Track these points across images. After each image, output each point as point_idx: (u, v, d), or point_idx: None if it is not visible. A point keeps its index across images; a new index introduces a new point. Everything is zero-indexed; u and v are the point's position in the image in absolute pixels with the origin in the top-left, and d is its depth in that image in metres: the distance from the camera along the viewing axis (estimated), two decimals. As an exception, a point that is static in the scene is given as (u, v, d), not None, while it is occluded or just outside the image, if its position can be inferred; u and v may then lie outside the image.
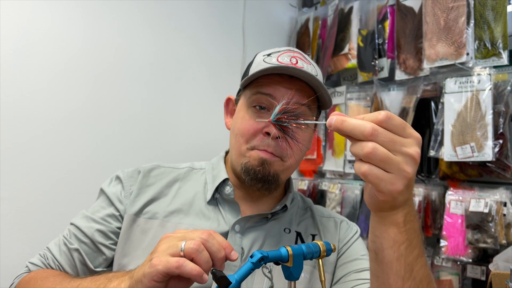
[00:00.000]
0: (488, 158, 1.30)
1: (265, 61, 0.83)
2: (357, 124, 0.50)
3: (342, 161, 1.87)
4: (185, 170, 0.94)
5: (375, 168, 0.50)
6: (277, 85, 0.80)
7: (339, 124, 0.51)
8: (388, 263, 0.57)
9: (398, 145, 0.50)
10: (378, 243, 0.57)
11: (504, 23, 1.34)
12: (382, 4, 1.73)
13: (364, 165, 0.50)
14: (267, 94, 0.81)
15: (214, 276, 0.53)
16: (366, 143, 0.49)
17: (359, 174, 0.52)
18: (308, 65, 0.84)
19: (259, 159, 0.81)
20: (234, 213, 0.85)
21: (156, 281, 0.56)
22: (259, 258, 0.54)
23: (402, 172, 0.50)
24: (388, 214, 0.56)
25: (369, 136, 0.49)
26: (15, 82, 1.29)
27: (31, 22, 1.32)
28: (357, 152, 0.50)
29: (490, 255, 1.33)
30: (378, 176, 0.50)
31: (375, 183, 0.51)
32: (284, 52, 0.85)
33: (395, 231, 0.56)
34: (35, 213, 1.31)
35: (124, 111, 1.54)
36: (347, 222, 0.95)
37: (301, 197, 0.99)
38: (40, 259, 0.84)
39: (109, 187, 0.89)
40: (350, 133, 0.51)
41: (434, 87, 1.54)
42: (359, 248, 0.89)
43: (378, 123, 0.50)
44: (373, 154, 0.49)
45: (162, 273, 0.56)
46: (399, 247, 0.56)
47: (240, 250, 0.80)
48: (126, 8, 1.56)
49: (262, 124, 0.81)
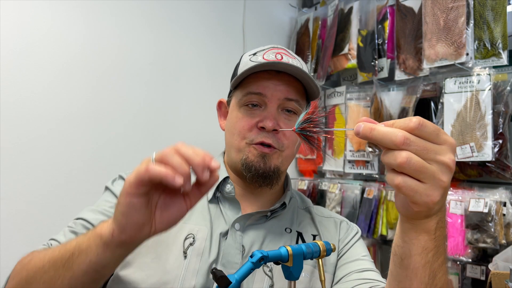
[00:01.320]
0: (487, 158, 1.30)
1: (251, 60, 0.85)
2: (388, 132, 0.48)
3: (342, 161, 1.87)
4: None
5: (410, 179, 0.47)
6: (266, 82, 0.82)
7: (367, 132, 0.49)
8: (414, 269, 0.55)
9: (432, 153, 0.47)
10: (406, 248, 0.56)
11: (503, 23, 1.34)
12: (382, 4, 1.73)
13: (397, 177, 0.48)
14: (257, 93, 0.83)
15: (214, 276, 0.53)
16: (399, 152, 0.47)
17: (392, 186, 0.49)
18: (293, 59, 0.86)
19: (258, 155, 0.82)
20: (234, 211, 0.85)
21: (131, 193, 0.53)
22: (259, 258, 0.54)
23: (437, 181, 0.47)
24: (420, 222, 0.54)
25: (400, 145, 0.47)
26: (15, 82, 1.29)
27: (31, 22, 1.32)
28: (390, 162, 0.48)
29: (490, 255, 1.33)
30: (413, 188, 0.47)
31: (410, 195, 0.48)
32: (269, 49, 0.87)
33: (425, 238, 0.54)
34: (35, 213, 1.31)
35: (124, 111, 1.54)
36: (347, 223, 0.95)
37: (300, 196, 0.99)
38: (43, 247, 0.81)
39: (113, 185, 0.89)
40: (380, 142, 0.48)
41: (434, 87, 1.55)
42: (360, 249, 0.89)
43: (410, 130, 0.47)
44: (407, 164, 0.46)
45: (134, 183, 0.53)
46: (427, 254, 0.55)
47: (241, 248, 0.80)
48: (126, 8, 1.56)
49: (256, 119, 0.83)
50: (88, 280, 0.60)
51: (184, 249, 0.78)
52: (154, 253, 0.77)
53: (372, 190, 1.71)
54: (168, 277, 0.75)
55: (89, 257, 0.58)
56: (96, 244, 0.57)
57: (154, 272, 0.75)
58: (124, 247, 0.58)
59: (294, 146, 0.86)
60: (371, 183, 1.76)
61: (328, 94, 1.98)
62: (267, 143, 0.82)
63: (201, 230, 0.81)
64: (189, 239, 0.79)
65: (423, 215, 0.53)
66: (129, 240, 0.56)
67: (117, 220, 0.55)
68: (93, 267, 0.58)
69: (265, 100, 0.83)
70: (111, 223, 0.57)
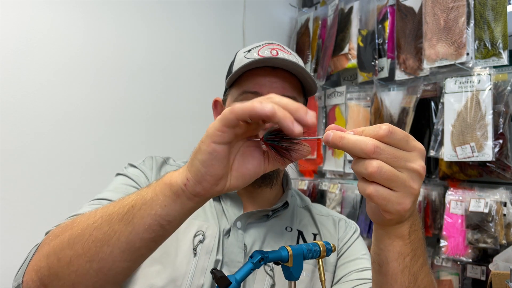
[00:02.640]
0: (488, 158, 1.30)
1: (246, 57, 0.83)
2: (357, 141, 0.46)
3: (342, 161, 1.87)
4: None
5: (381, 188, 0.47)
6: (261, 79, 0.80)
7: (337, 141, 0.47)
8: (392, 275, 0.55)
9: (402, 161, 0.47)
10: (382, 256, 0.56)
11: (504, 23, 1.34)
12: (382, 4, 1.73)
13: (369, 186, 0.47)
14: (253, 92, 0.81)
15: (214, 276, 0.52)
16: (370, 161, 0.46)
17: (363, 195, 0.49)
18: (289, 55, 0.84)
19: None
20: (236, 208, 0.85)
21: (216, 142, 0.47)
22: (259, 258, 0.54)
23: (408, 189, 0.47)
24: (393, 228, 0.54)
25: (371, 154, 0.46)
26: (15, 82, 1.29)
27: (31, 22, 1.32)
28: (360, 171, 0.47)
29: (490, 255, 1.33)
30: (385, 197, 0.47)
31: (382, 204, 0.48)
32: (264, 45, 0.85)
33: (400, 244, 0.54)
34: (35, 213, 1.31)
35: (124, 110, 1.54)
36: (346, 221, 0.94)
37: (299, 195, 0.99)
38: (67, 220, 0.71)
39: (127, 170, 0.86)
40: (350, 152, 0.47)
41: (434, 87, 1.54)
42: (359, 247, 0.89)
43: (380, 138, 0.46)
44: (378, 174, 0.45)
45: (220, 129, 0.47)
46: (404, 259, 0.55)
47: (243, 247, 0.80)
48: (126, 8, 1.56)
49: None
50: (149, 238, 0.53)
51: (194, 246, 0.77)
52: (164, 248, 0.74)
53: (372, 190, 1.71)
54: (177, 274, 0.74)
55: (154, 209, 0.52)
56: (164, 194, 0.52)
57: (162, 267, 0.74)
58: (196, 200, 0.52)
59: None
60: (371, 183, 1.76)
61: (328, 94, 1.98)
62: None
63: (210, 227, 0.80)
64: (198, 236, 0.79)
65: (394, 222, 0.52)
66: (203, 192, 0.51)
67: (195, 168, 0.49)
68: (157, 220, 0.52)
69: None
70: (184, 172, 0.51)
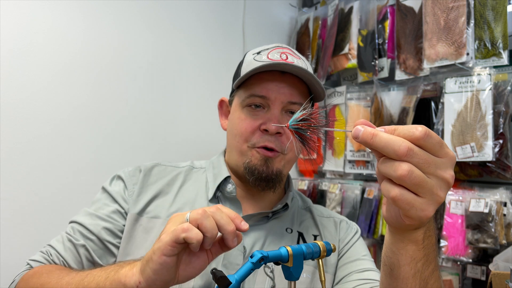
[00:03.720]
0: (488, 158, 1.30)
1: (255, 59, 0.83)
2: (391, 140, 0.44)
3: (342, 161, 1.87)
4: (186, 169, 0.94)
5: (407, 192, 0.45)
6: (269, 83, 0.81)
7: (368, 138, 0.45)
8: (403, 279, 0.55)
9: (433, 167, 0.45)
10: (394, 259, 0.55)
11: (504, 23, 1.34)
12: (382, 4, 1.73)
13: (394, 189, 0.45)
14: (260, 96, 0.81)
15: (214, 276, 0.53)
16: (400, 163, 0.44)
17: (386, 197, 0.47)
18: (298, 59, 0.84)
19: (261, 158, 0.81)
20: (235, 211, 0.85)
21: (166, 255, 0.55)
22: (259, 258, 0.54)
23: (435, 196, 0.45)
24: (408, 233, 0.53)
25: (403, 157, 0.43)
26: (15, 82, 1.29)
27: (31, 22, 1.32)
28: (388, 172, 0.45)
29: (490, 255, 1.33)
30: (410, 202, 0.45)
31: (406, 209, 0.46)
32: (274, 48, 0.85)
33: (413, 248, 0.53)
34: (35, 213, 1.31)
35: (124, 111, 1.54)
36: (347, 222, 0.94)
37: (300, 196, 0.99)
38: (42, 256, 0.81)
39: (111, 186, 0.88)
40: (381, 150, 0.45)
41: (434, 87, 1.54)
42: (360, 248, 0.89)
43: (414, 140, 0.44)
44: (408, 177, 0.43)
45: (170, 244, 0.55)
46: (416, 264, 0.54)
47: (243, 249, 0.80)
48: (126, 8, 1.56)
49: (259, 121, 0.81)
50: None
51: None
52: None
53: (373, 190, 1.71)
54: None
55: None
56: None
57: None
58: None
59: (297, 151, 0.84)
60: (372, 183, 1.76)
61: (328, 94, 1.98)
62: (270, 147, 0.80)
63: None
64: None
65: (412, 227, 0.52)
66: None
67: (146, 275, 0.57)
68: None
69: (268, 103, 0.81)
70: (137, 274, 0.58)
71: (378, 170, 0.47)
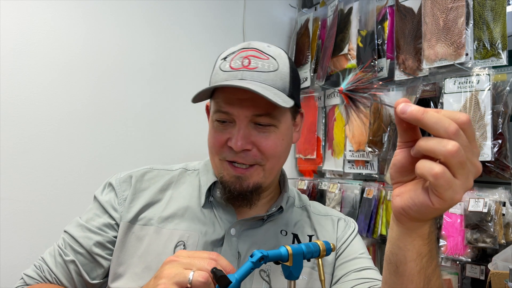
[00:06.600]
0: (487, 158, 1.30)
1: (221, 68, 0.79)
2: (442, 118, 0.45)
3: (341, 161, 1.87)
4: (179, 172, 0.91)
5: (448, 172, 0.45)
6: (232, 97, 0.75)
7: (419, 113, 0.45)
8: (409, 276, 0.55)
9: (470, 153, 0.46)
10: (401, 255, 0.55)
11: (503, 23, 1.34)
12: (382, 4, 1.73)
13: (438, 165, 0.45)
14: (224, 112, 0.77)
15: (214, 276, 0.53)
16: (449, 141, 0.44)
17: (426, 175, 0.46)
18: (265, 60, 0.77)
19: (233, 175, 0.78)
20: (229, 216, 0.83)
21: None
22: (259, 258, 0.54)
23: (468, 181, 0.46)
24: (417, 226, 0.53)
25: (452, 135, 0.44)
26: (15, 82, 1.29)
27: (31, 22, 1.32)
28: (437, 148, 0.44)
29: (489, 254, 1.33)
30: (450, 181, 0.45)
31: (444, 188, 0.45)
32: (238, 52, 0.80)
33: (420, 243, 0.54)
34: (35, 213, 1.31)
35: (125, 111, 1.55)
36: (345, 220, 0.92)
37: (298, 194, 0.96)
38: (35, 271, 0.82)
39: (102, 195, 0.87)
40: (431, 126, 0.45)
41: (433, 87, 1.55)
42: (357, 246, 0.87)
43: (460, 124, 0.45)
44: (456, 153, 0.44)
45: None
46: (422, 260, 0.54)
47: (237, 255, 0.79)
48: (127, 9, 1.56)
49: (226, 136, 0.77)
50: None
51: None
52: (145, 263, 0.76)
53: (372, 190, 1.71)
54: None
55: None
56: None
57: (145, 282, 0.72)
58: None
59: (279, 153, 0.79)
60: (371, 183, 1.76)
61: (328, 94, 1.99)
62: (240, 162, 0.76)
63: (191, 236, 0.79)
64: (179, 247, 0.78)
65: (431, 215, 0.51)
66: None
67: None
68: None
69: (233, 118, 0.76)
70: None
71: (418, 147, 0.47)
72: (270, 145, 0.76)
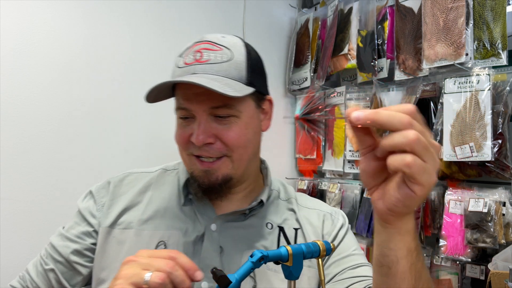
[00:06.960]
0: (487, 158, 1.30)
1: (177, 65, 0.80)
2: (392, 113, 0.47)
3: (341, 161, 1.88)
4: (158, 173, 0.91)
5: (417, 158, 0.46)
6: (188, 92, 0.76)
7: (371, 115, 0.47)
8: (402, 274, 0.55)
9: (427, 135, 0.48)
10: (392, 255, 0.56)
11: (503, 23, 1.34)
12: (382, 4, 1.73)
13: (408, 155, 0.46)
14: (184, 108, 0.78)
15: (214, 276, 0.53)
16: (407, 131, 0.46)
17: (399, 167, 0.47)
18: (218, 51, 0.79)
19: (201, 170, 0.78)
20: (208, 212, 0.82)
21: None
22: (259, 258, 0.54)
23: (435, 161, 0.48)
24: (404, 222, 0.54)
25: (408, 125, 0.46)
26: (15, 83, 1.29)
27: (31, 22, 1.32)
28: (399, 141, 0.46)
29: (489, 254, 1.33)
30: (422, 166, 0.47)
31: (419, 175, 0.47)
32: (192, 46, 0.81)
33: (409, 239, 0.55)
34: (35, 213, 1.31)
35: (125, 111, 1.55)
36: (332, 215, 0.89)
37: (283, 186, 0.94)
38: (19, 281, 0.84)
39: (82, 202, 0.88)
40: (386, 123, 0.47)
41: (433, 87, 1.55)
42: (350, 243, 0.86)
43: (410, 114, 0.48)
44: (418, 141, 0.46)
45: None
46: (412, 255, 0.55)
47: (219, 250, 0.78)
48: (127, 9, 1.56)
49: (189, 132, 0.77)
50: None
51: None
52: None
53: (372, 190, 1.71)
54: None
55: None
56: None
57: None
58: None
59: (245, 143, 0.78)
60: (371, 183, 1.76)
61: (328, 94, 1.99)
62: (205, 156, 0.77)
63: (172, 235, 0.79)
64: (160, 247, 0.78)
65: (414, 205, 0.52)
66: None
67: None
68: None
69: (192, 113, 0.77)
70: None
71: (382, 146, 0.49)
72: (233, 136, 0.76)
